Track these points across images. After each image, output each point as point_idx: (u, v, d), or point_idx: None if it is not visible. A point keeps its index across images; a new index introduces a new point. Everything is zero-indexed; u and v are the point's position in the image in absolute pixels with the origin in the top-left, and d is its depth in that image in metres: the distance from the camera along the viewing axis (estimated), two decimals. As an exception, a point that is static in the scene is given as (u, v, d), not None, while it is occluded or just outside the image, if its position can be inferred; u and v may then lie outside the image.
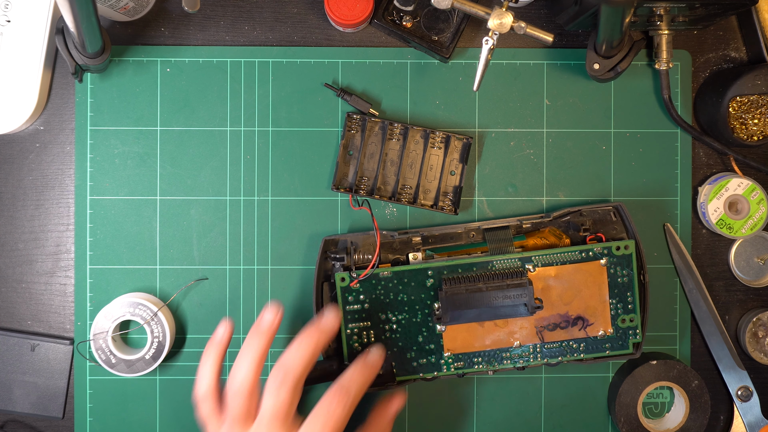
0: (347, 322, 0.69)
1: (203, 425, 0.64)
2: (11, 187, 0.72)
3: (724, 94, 0.69)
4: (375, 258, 0.68)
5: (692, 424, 0.71)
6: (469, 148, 0.71)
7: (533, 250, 0.69)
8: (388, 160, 0.72)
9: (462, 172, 0.71)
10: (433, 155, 0.72)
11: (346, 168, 0.71)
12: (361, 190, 0.71)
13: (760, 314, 0.72)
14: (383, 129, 0.71)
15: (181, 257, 0.72)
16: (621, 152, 0.73)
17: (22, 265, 0.72)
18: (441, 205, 0.71)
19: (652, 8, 0.63)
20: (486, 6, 0.65)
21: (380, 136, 0.71)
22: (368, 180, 0.71)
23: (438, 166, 0.72)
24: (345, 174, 0.71)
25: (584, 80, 0.73)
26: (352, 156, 0.71)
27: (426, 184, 0.72)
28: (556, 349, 0.69)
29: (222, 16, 0.72)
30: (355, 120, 0.71)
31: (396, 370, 0.69)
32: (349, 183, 0.71)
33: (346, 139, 0.71)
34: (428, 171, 0.72)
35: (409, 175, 0.72)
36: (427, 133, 0.71)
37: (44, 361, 0.71)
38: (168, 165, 0.72)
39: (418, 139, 0.71)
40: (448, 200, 0.72)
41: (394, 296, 0.69)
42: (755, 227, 0.71)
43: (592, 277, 0.69)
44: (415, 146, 0.71)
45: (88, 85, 0.71)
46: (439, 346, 0.69)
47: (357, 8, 0.68)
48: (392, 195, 0.71)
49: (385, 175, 0.71)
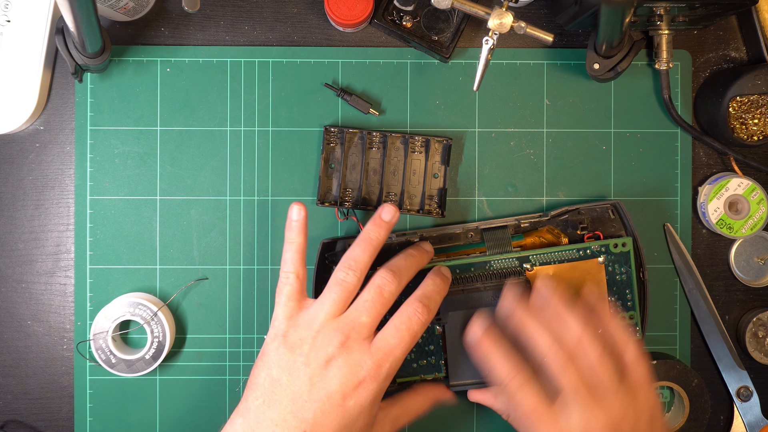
0: None
1: (281, 301, 0.62)
2: (11, 187, 0.72)
3: (724, 94, 0.69)
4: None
5: (692, 424, 0.71)
6: (449, 150, 0.71)
7: (531, 249, 0.69)
8: (371, 170, 0.71)
9: (445, 174, 0.71)
10: (414, 160, 0.72)
11: (329, 182, 0.71)
12: (346, 202, 0.71)
13: (760, 314, 0.72)
14: (362, 139, 0.71)
15: (181, 257, 0.72)
16: (621, 152, 0.73)
17: (22, 265, 0.72)
18: (427, 208, 0.71)
19: (652, 8, 0.63)
20: (486, 6, 0.65)
21: (360, 146, 0.71)
22: (352, 191, 0.71)
23: (420, 170, 0.72)
24: (329, 188, 0.71)
25: (584, 80, 0.73)
26: (333, 169, 0.71)
27: (410, 189, 0.72)
28: None
29: (222, 16, 0.72)
30: (333, 133, 0.71)
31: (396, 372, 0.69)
32: (333, 196, 0.71)
33: (326, 152, 0.71)
34: (411, 176, 0.72)
35: (393, 183, 0.71)
36: (407, 139, 0.71)
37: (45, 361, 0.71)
38: (168, 165, 0.72)
39: (398, 146, 0.71)
40: (434, 203, 0.72)
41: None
42: (755, 227, 0.71)
43: (591, 275, 0.69)
44: (395, 153, 0.71)
45: (88, 85, 0.71)
46: (439, 347, 0.69)
47: (357, 8, 0.68)
48: (378, 204, 0.71)
49: (368, 184, 0.71)
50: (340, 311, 0.61)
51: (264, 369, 0.60)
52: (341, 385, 0.59)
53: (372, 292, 0.61)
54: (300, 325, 0.61)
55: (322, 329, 0.60)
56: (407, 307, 0.62)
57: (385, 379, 0.60)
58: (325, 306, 0.61)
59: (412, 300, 0.62)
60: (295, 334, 0.60)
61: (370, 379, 0.59)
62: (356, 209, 0.71)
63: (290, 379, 0.59)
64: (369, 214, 0.71)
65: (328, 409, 0.58)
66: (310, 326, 0.60)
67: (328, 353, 0.59)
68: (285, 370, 0.59)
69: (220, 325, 0.72)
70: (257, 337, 0.72)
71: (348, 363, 0.59)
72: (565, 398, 0.59)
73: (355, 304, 0.61)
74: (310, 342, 0.60)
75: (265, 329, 0.72)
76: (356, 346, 0.59)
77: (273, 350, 0.61)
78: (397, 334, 0.61)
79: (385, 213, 0.64)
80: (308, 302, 0.62)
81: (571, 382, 0.59)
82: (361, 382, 0.59)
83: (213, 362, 0.72)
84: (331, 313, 0.61)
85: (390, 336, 0.61)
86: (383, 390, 0.61)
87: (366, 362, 0.59)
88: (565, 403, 0.59)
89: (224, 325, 0.72)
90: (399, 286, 0.62)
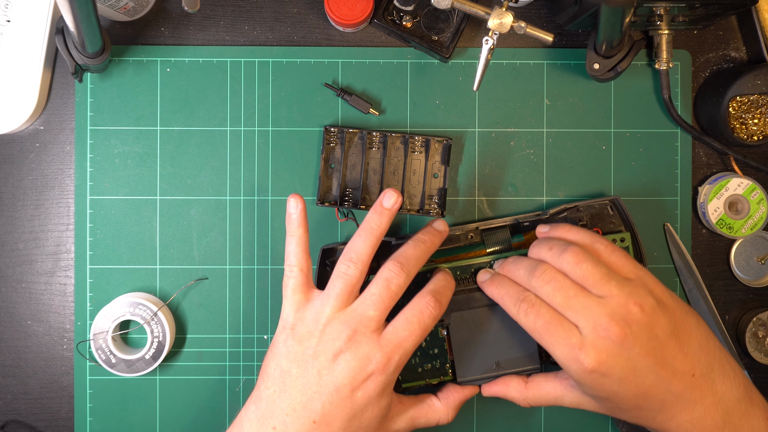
0: None
1: (287, 295, 0.63)
2: (11, 187, 0.72)
3: (724, 94, 0.69)
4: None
5: (692, 424, 0.71)
6: (449, 150, 0.71)
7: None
8: (371, 170, 0.71)
9: (445, 174, 0.71)
10: (414, 160, 0.72)
11: (329, 182, 0.71)
12: (346, 202, 0.71)
13: (760, 314, 0.72)
14: (362, 139, 0.71)
15: (181, 257, 0.72)
16: (621, 152, 0.73)
17: (22, 265, 0.72)
18: (427, 208, 0.71)
19: (652, 8, 0.63)
20: (486, 6, 0.65)
21: (360, 146, 0.71)
22: (352, 191, 0.71)
23: (420, 170, 0.72)
24: (329, 188, 0.71)
25: (584, 80, 0.73)
26: (333, 169, 0.71)
27: (410, 189, 0.72)
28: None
29: (222, 16, 0.72)
30: (333, 133, 0.71)
31: (401, 377, 0.68)
32: (333, 196, 0.71)
33: (326, 152, 0.71)
34: (411, 176, 0.72)
35: (393, 182, 0.71)
36: (407, 139, 0.71)
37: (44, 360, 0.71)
38: (168, 165, 0.72)
39: (398, 146, 0.71)
40: (434, 203, 0.72)
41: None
42: (755, 227, 0.71)
43: None
44: (395, 153, 0.71)
45: (88, 85, 0.71)
46: (443, 350, 0.69)
47: (357, 8, 0.68)
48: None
49: (368, 184, 0.71)
50: (346, 303, 0.61)
51: (274, 359, 0.61)
52: (350, 378, 0.59)
53: (380, 285, 0.61)
54: (307, 318, 0.61)
55: (330, 323, 0.60)
56: (419, 300, 0.62)
57: (394, 371, 0.60)
58: (330, 299, 0.61)
59: (424, 293, 0.62)
60: (303, 327, 0.61)
61: (378, 371, 0.59)
62: (356, 209, 0.71)
63: (299, 371, 0.60)
64: (364, 214, 0.71)
65: (336, 401, 0.59)
66: (317, 320, 0.61)
67: (336, 347, 0.59)
68: (294, 362, 0.60)
69: (220, 325, 0.72)
70: (257, 337, 0.72)
71: (356, 356, 0.59)
72: (572, 308, 0.59)
73: (362, 297, 0.61)
74: (317, 336, 0.60)
75: (265, 329, 0.72)
76: (365, 340, 0.60)
77: (282, 342, 0.61)
78: (408, 327, 0.61)
79: (387, 199, 0.64)
80: (315, 293, 0.62)
81: (569, 291, 0.60)
82: (370, 375, 0.59)
83: (213, 362, 0.72)
84: (336, 306, 0.61)
85: (401, 328, 0.61)
86: (392, 382, 0.61)
87: (375, 355, 0.59)
88: (573, 310, 0.59)
89: (224, 325, 0.72)
90: (408, 277, 0.62)
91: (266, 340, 0.72)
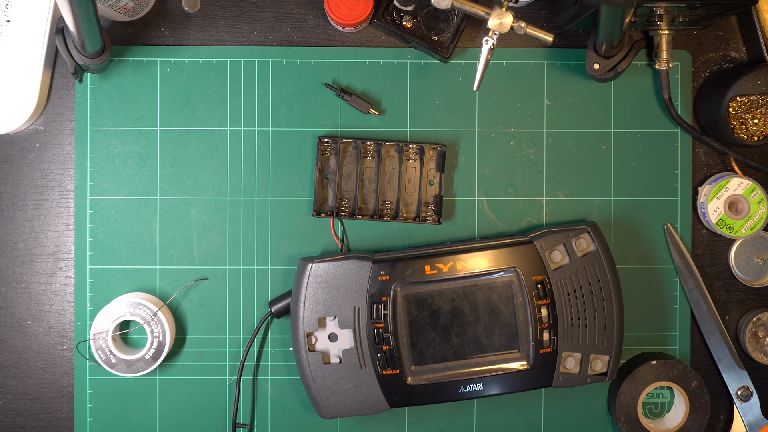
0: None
1: None
2: (11, 187, 0.72)
3: (724, 94, 0.69)
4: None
5: (692, 424, 0.71)
6: (444, 156, 0.71)
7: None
8: (366, 179, 0.71)
9: (440, 181, 0.71)
10: (409, 168, 0.72)
11: (325, 192, 0.71)
12: (342, 212, 0.71)
13: (760, 314, 0.72)
14: (356, 148, 0.71)
15: (181, 257, 0.72)
16: (621, 152, 0.73)
17: (22, 265, 0.72)
18: (423, 216, 0.71)
19: (652, 8, 0.63)
20: (486, 6, 0.65)
21: (354, 156, 0.71)
22: (348, 201, 0.71)
23: (416, 177, 0.72)
24: (324, 198, 0.71)
25: (584, 80, 0.73)
26: (329, 179, 0.71)
27: (406, 197, 0.72)
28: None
29: (222, 16, 0.72)
30: (327, 143, 0.70)
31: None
32: (329, 207, 0.71)
33: (321, 163, 0.71)
34: (407, 184, 0.72)
35: (389, 191, 0.71)
36: (401, 147, 0.71)
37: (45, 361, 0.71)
38: (168, 165, 0.72)
39: (393, 154, 0.71)
40: (431, 210, 0.71)
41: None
42: (755, 227, 0.71)
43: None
44: (390, 161, 0.71)
45: (88, 85, 0.71)
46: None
47: (357, 8, 0.68)
48: (374, 213, 0.71)
49: (364, 194, 0.71)
50: None
51: None
52: None
53: None
54: None
55: None
56: None
57: None
58: None
59: None
60: None
61: None
62: (352, 219, 0.71)
63: None
64: (365, 223, 0.71)
65: None
66: None
67: None
68: None
69: (220, 325, 0.72)
70: (257, 337, 0.72)
71: None
72: None
73: None
74: None
75: (265, 329, 0.72)
76: None
77: None
78: None
79: None
80: None
81: None
82: None
83: (213, 362, 0.72)
84: None
85: None
86: None
87: None
88: None
89: (224, 325, 0.72)
90: None
91: (266, 340, 0.72)
